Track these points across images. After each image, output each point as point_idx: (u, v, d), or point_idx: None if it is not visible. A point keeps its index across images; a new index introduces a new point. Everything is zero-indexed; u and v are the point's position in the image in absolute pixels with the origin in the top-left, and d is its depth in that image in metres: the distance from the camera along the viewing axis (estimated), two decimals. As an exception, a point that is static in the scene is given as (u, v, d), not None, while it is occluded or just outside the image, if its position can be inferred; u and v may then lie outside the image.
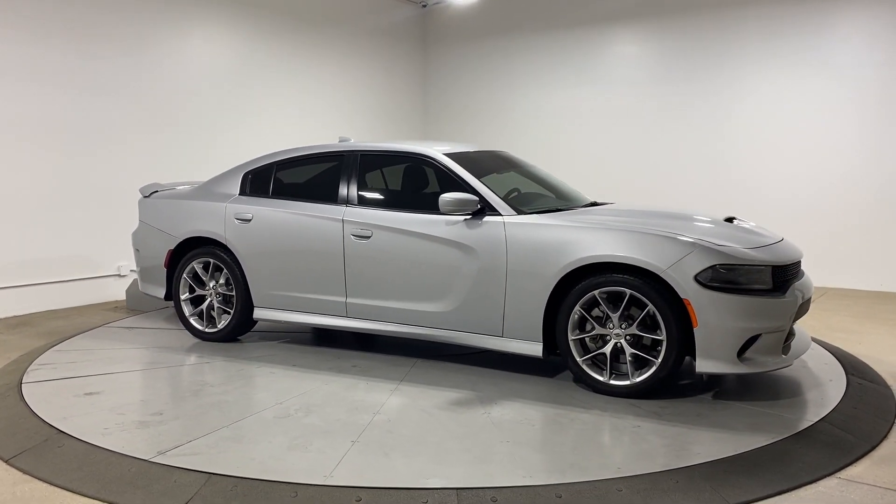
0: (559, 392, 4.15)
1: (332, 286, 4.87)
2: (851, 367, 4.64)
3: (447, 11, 10.56)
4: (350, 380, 4.43)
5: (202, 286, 5.42)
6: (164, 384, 4.46)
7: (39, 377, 4.50)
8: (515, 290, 4.23)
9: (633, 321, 3.97)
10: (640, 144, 9.01)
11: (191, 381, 4.49)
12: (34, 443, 3.48)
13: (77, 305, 6.93)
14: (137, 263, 5.85)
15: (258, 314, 5.21)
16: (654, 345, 3.95)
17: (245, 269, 5.18)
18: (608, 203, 5.22)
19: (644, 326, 3.96)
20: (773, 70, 8.08)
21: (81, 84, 6.88)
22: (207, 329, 5.38)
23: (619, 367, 4.06)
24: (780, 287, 3.94)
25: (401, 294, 4.64)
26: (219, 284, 5.34)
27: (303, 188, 5.23)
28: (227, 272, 5.26)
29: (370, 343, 5.35)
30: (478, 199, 4.39)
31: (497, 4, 10.05)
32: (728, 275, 3.81)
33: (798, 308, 4.00)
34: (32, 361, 4.83)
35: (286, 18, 8.84)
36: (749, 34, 8.20)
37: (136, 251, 5.83)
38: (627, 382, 3.99)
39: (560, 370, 4.50)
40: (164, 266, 5.53)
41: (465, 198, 4.35)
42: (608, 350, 4.04)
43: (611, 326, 4.02)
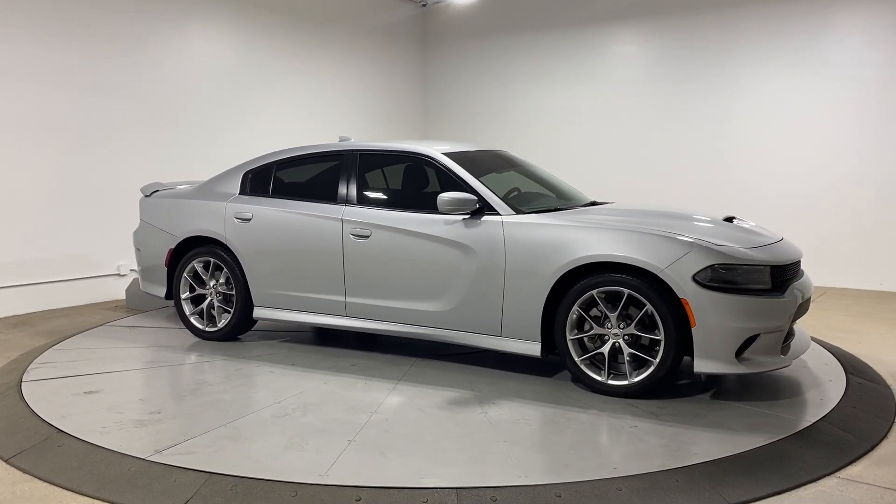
0: (557, 392, 4.15)
1: (332, 285, 4.88)
2: (851, 367, 4.63)
3: (447, 11, 10.56)
4: (348, 379, 4.44)
5: (202, 285, 5.43)
6: (164, 383, 4.46)
7: (39, 376, 4.50)
8: (514, 290, 4.23)
9: (632, 321, 3.97)
10: (640, 144, 9.01)
11: (190, 380, 4.50)
12: (34, 442, 3.48)
13: (77, 305, 6.94)
14: (138, 262, 5.86)
15: (258, 313, 5.22)
16: (653, 345, 3.95)
17: (245, 269, 5.18)
18: (608, 202, 5.22)
19: (642, 326, 3.96)
20: (773, 70, 8.08)
21: (81, 84, 6.89)
22: (208, 328, 5.39)
23: (618, 367, 4.05)
24: (779, 287, 3.93)
25: (399, 293, 4.64)
26: (219, 283, 5.35)
27: (303, 187, 5.23)
28: (228, 271, 5.27)
29: (370, 342, 5.36)
30: (476, 199, 4.38)
31: (497, 4, 10.05)
32: (726, 274, 3.80)
33: (797, 308, 3.99)
34: (32, 360, 4.84)
35: (286, 18, 8.84)
36: (749, 34, 8.19)
37: (137, 250, 5.84)
38: (625, 382, 3.99)
39: (558, 370, 4.50)
40: (165, 265, 5.54)
41: (464, 197, 4.35)
42: (606, 350, 4.04)
43: (609, 326, 4.02)
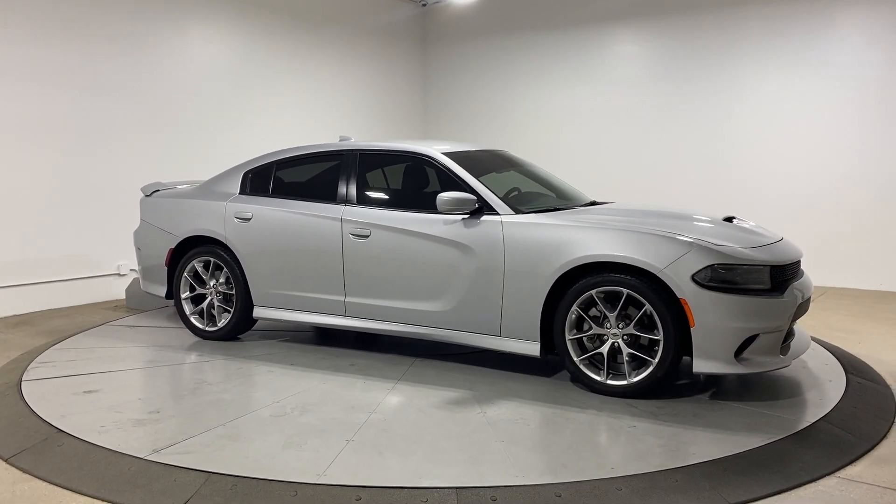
0: (556, 392, 4.15)
1: (331, 285, 4.88)
2: (851, 367, 4.63)
3: (447, 10, 10.56)
4: (348, 378, 4.44)
5: (203, 285, 5.43)
6: (163, 382, 4.47)
7: (39, 375, 4.51)
8: (513, 290, 4.23)
9: (631, 321, 3.96)
10: (640, 144, 9.00)
11: (189, 380, 4.50)
12: (34, 441, 3.49)
13: (77, 304, 6.94)
14: (139, 262, 5.86)
15: (258, 313, 5.22)
16: (652, 345, 3.94)
17: (245, 268, 5.19)
18: (608, 202, 5.22)
19: (641, 326, 3.96)
20: (773, 70, 8.08)
21: (81, 84, 6.89)
22: (208, 328, 5.39)
23: (617, 367, 4.05)
24: (779, 287, 3.93)
25: (399, 293, 4.64)
26: (219, 283, 5.35)
27: (302, 187, 5.23)
28: (228, 271, 5.28)
29: (370, 342, 5.36)
30: (475, 199, 4.38)
31: (497, 3, 10.05)
32: (725, 274, 3.79)
33: (797, 308, 3.99)
34: (32, 360, 4.84)
35: (286, 18, 8.84)
36: (749, 34, 8.19)
37: (138, 250, 5.85)
38: (624, 382, 3.99)
39: (558, 370, 4.50)
40: (165, 265, 5.55)
41: (463, 197, 4.35)
42: (605, 350, 4.03)
43: (608, 326, 4.02)
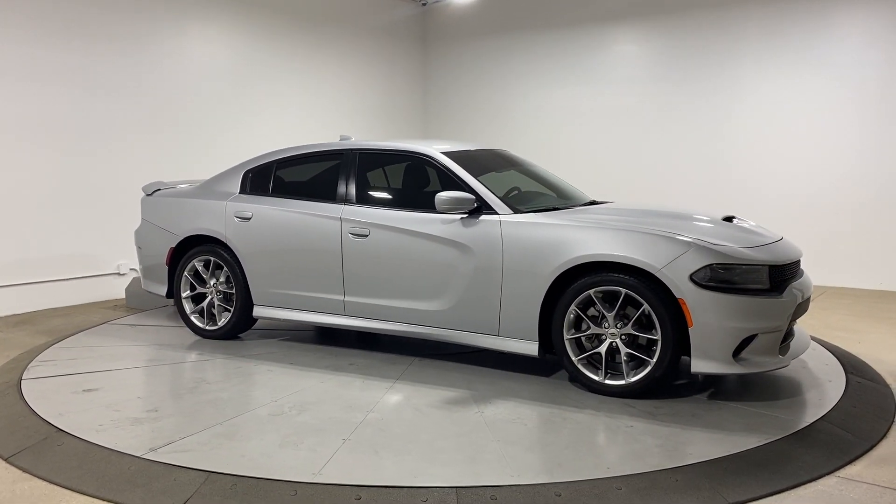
0: (554, 391, 4.16)
1: (330, 284, 4.88)
2: (851, 367, 4.63)
3: (447, 10, 10.56)
4: (346, 378, 4.44)
5: (203, 284, 5.44)
6: (163, 381, 4.48)
7: (39, 374, 4.52)
8: (511, 289, 4.23)
9: (629, 320, 3.96)
10: (640, 144, 9.00)
11: (189, 379, 4.51)
12: (33, 441, 3.49)
13: (77, 304, 6.95)
14: (140, 261, 5.87)
15: (257, 312, 5.23)
16: (650, 344, 3.94)
17: (245, 268, 5.19)
18: (607, 202, 5.22)
19: (639, 326, 3.96)
20: (773, 70, 8.07)
21: (81, 84, 6.90)
22: (208, 327, 5.40)
23: (615, 367, 4.05)
24: (778, 287, 3.92)
25: (398, 292, 4.64)
26: (219, 282, 5.36)
27: (302, 187, 5.24)
28: (228, 270, 5.28)
29: (369, 342, 5.36)
30: (474, 198, 4.38)
31: (497, 3, 10.05)
32: (724, 274, 3.79)
33: (797, 307, 3.98)
34: (33, 359, 4.85)
35: (286, 18, 8.85)
36: (749, 34, 8.18)
37: (139, 249, 5.85)
38: (623, 382, 3.99)
39: (556, 369, 4.50)
40: (166, 264, 5.56)
41: (462, 196, 4.35)
42: (603, 349, 4.04)
43: (606, 326, 4.02)
